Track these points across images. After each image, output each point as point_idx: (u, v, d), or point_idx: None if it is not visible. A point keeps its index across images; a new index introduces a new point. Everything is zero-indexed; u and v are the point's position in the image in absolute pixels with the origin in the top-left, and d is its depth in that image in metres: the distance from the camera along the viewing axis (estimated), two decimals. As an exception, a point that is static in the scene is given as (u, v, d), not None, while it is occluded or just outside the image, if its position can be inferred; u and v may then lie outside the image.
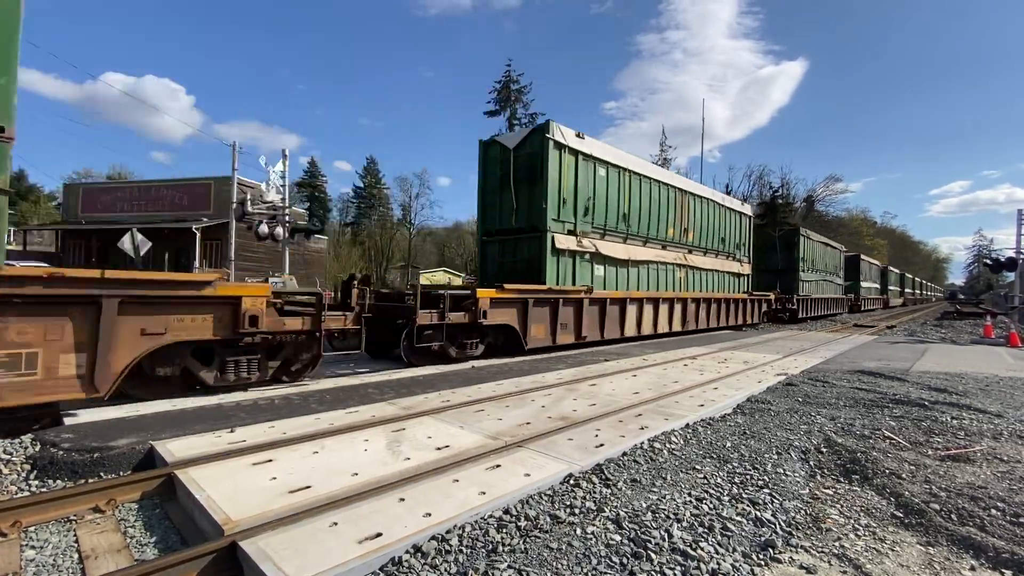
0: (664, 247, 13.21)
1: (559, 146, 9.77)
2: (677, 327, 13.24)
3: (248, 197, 15.02)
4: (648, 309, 12.13)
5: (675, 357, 9.02)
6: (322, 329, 5.99)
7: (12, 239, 37.60)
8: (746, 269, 17.81)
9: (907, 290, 57.33)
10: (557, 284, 9.72)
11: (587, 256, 10.52)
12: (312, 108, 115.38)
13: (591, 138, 10.71)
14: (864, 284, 34.75)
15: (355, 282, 6.57)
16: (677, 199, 13.74)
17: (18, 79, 3.95)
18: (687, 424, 4.57)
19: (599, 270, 10.90)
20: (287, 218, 15.44)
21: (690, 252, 14.32)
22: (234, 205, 15.07)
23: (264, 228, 14.58)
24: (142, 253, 14.12)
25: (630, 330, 11.44)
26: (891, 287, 45.43)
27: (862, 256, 35.90)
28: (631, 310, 11.44)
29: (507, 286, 8.39)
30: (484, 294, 8.04)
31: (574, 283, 10.16)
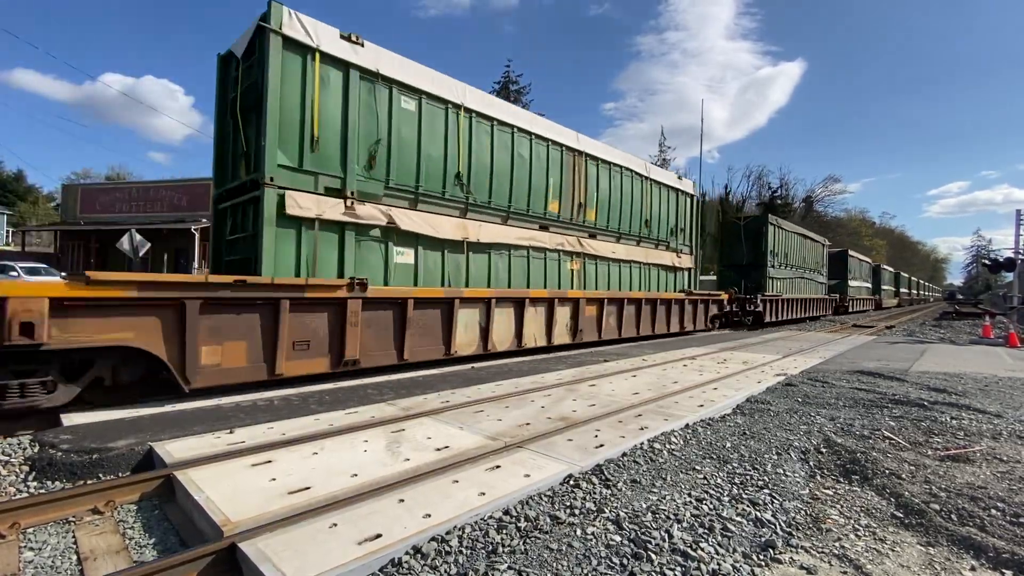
0: (543, 228, 9.71)
1: (298, 48, 6.18)
2: (563, 338, 9.66)
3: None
4: (503, 314, 8.35)
5: (674, 357, 9.02)
6: None
7: (11, 240, 37.56)
8: (685, 262, 14.29)
9: (903, 290, 54.60)
10: (298, 275, 6.14)
11: (373, 231, 6.94)
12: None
13: (390, 52, 7.15)
14: (852, 283, 31.09)
15: None
16: (569, 162, 10.24)
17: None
18: (687, 424, 4.57)
19: (403, 256, 7.31)
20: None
21: (592, 237, 10.90)
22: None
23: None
24: (141, 254, 14.11)
25: (467, 346, 7.77)
26: (884, 287, 42.06)
27: (850, 252, 31.89)
28: (465, 315, 7.70)
29: (115, 277, 4.51)
30: (42, 291, 4.18)
31: (340, 275, 6.53)
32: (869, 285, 37.46)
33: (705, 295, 15.15)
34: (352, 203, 6.65)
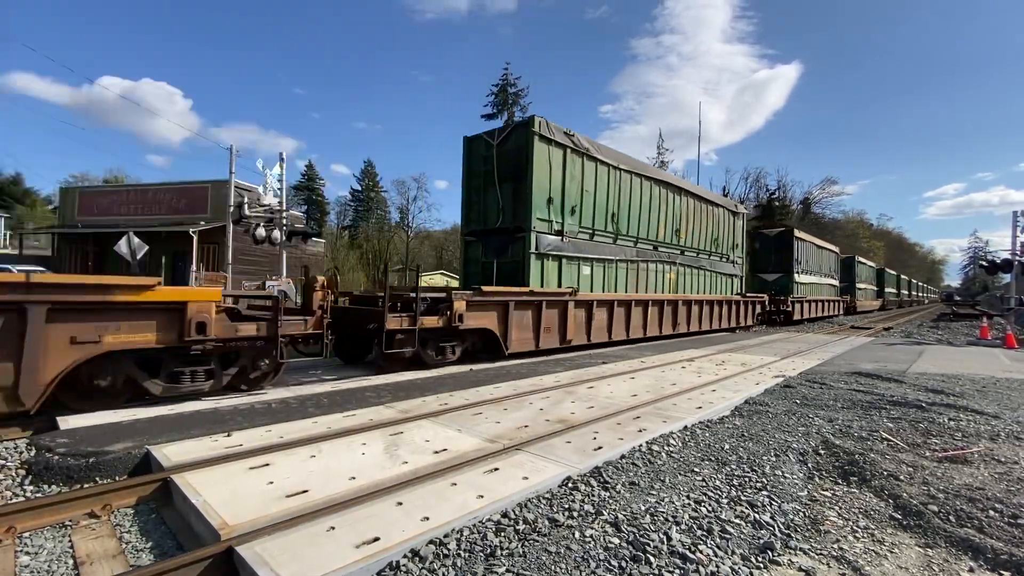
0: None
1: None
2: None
3: (245, 200, 14.93)
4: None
5: (673, 359, 9.02)
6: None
7: (8, 243, 37.47)
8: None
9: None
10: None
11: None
12: (309, 112, 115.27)
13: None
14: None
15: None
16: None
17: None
18: (685, 426, 4.57)
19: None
20: (284, 221, 15.39)
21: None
22: (231, 208, 15.02)
23: (261, 231, 14.49)
24: (139, 257, 14.08)
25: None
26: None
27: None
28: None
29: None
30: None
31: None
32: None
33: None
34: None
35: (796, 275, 21.92)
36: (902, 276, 58.77)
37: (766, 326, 19.86)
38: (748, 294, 18.04)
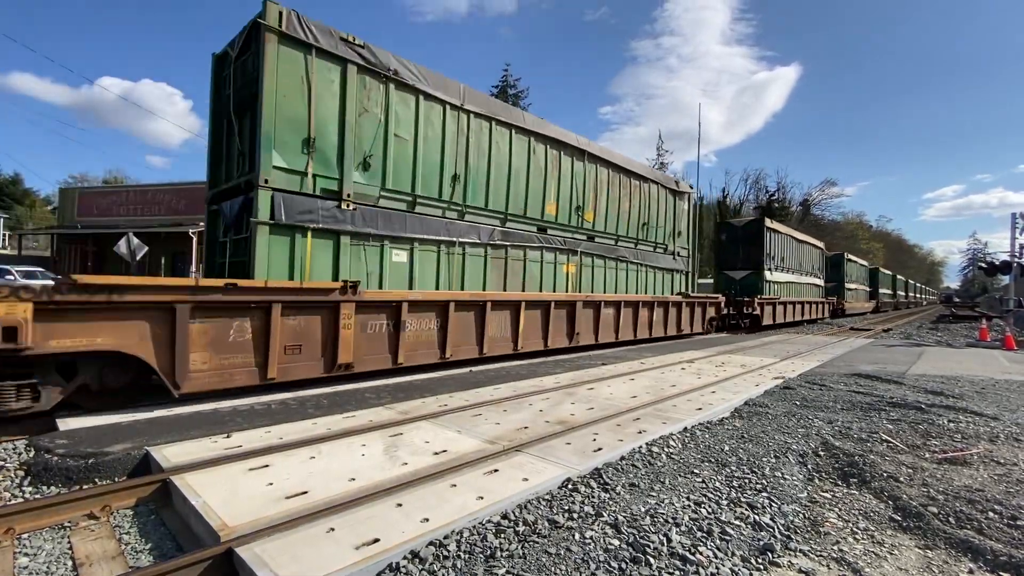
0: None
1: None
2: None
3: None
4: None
5: (672, 361, 9.03)
6: None
7: (8, 243, 37.43)
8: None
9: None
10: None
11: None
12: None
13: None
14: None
15: None
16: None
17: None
18: (685, 428, 4.56)
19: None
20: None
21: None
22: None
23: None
24: (138, 257, 14.07)
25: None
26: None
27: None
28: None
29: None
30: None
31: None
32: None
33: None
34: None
35: (768, 272, 18.84)
36: (899, 277, 56.78)
37: (725, 332, 16.84)
38: (695, 294, 14.79)
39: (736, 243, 19.36)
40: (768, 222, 19.73)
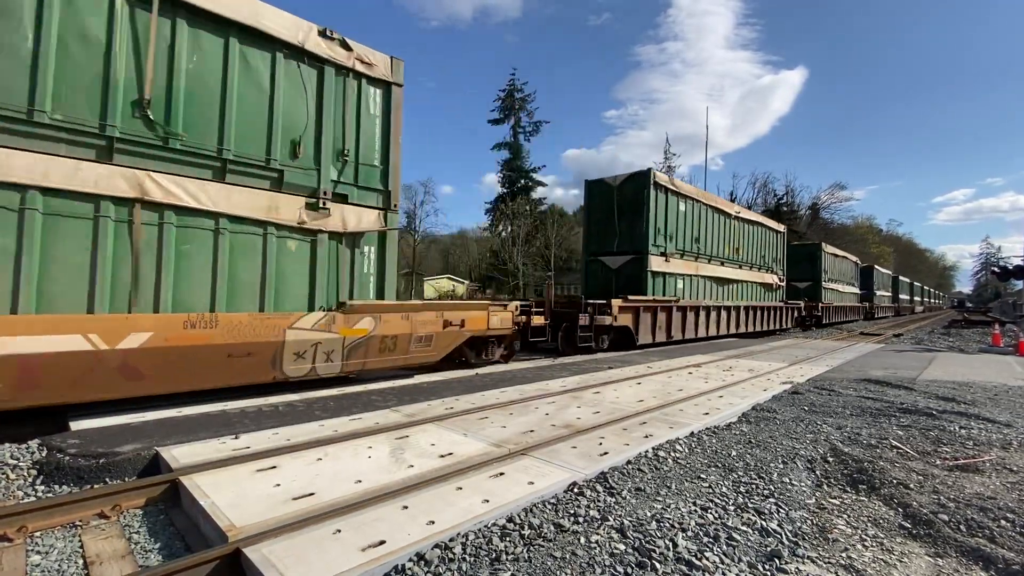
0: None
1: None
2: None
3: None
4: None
5: (679, 365, 8.98)
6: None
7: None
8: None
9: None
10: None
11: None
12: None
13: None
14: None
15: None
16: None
17: None
18: (692, 432, 4.54)
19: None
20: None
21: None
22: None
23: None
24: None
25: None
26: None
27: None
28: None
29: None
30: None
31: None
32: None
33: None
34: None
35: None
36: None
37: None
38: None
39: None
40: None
